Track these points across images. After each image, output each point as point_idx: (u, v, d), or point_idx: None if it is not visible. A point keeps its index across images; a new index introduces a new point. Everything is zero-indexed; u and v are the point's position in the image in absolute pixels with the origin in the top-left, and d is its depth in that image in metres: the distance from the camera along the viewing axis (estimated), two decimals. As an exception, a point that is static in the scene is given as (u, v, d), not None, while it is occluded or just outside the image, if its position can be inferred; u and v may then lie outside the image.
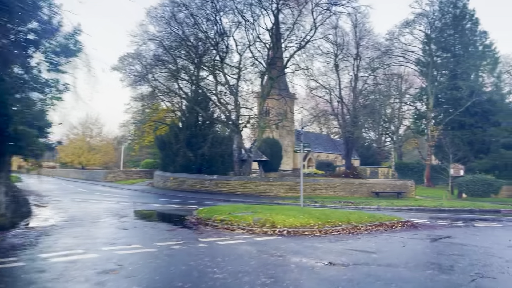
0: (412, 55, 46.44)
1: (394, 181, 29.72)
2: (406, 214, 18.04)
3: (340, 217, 12.98)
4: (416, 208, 21.73)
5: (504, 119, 38.88)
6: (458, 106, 42.87)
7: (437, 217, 17.45)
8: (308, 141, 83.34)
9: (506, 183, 31.06)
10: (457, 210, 21.46)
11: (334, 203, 23.50)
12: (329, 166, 66.22)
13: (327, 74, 58.17)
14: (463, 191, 30.37)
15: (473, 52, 45.59)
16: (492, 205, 22.83)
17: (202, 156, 35.99)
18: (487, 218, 17.01)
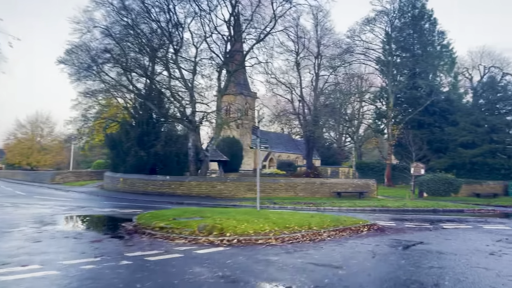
0: (373, 53, 46.20)
1: (356, 180, 28.75)
2: (370, 216, 16.79)
3: (300, 221, 11.38)
4: (380, 208, 20.65)
5: (462, 118, 39.15)
6: (417, 105, 42.95)
7: (403, 218, 16.30)
8: (269, 141, 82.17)
9: (466, 182, 30.92)
10: (421, 210, 20.58)
11: (294, 204, 22.05)
12: (290, 166, 65.20)
13: (288, 73, 57.16)
14: (424, 190, 29.90)
15: (431, 52, 45.96)
16: (455, 205, 22.17)
17: (156, 156, 33.64)
18: (454, 219, 16.05)
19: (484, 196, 30.33)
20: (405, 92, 45.74)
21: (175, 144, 34.92)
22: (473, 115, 38.68)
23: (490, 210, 21.06)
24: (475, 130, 37.34)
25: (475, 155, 36.59)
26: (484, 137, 37.41)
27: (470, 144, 38.00)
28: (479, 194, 30.10)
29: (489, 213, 20.54)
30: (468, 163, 37.32)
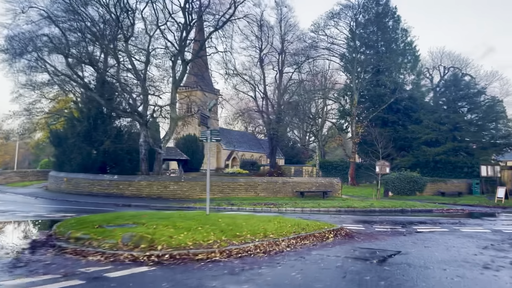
0: (338, 50, 45.15)
1: (320, 179, 27.25)
2: (336, 218, 15.13)
3: (255, 227, 9.43)
4: (345, 209, 19.11)
5: (425, 116, 38.67)
6: (381, 103, 42.24)
7: (371, 220, 14.74)
8: (233, 139, 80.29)
9: (430, 180, 30.16)
10: (388, 211, 19.21)
11: (254, 206, 20.17)
12: (253, 165, 63.39)
13: (251, 69, 55.50)
14: (390, 189, 28.86)
15: (395, 49, 45.48)
16: (422, 204, 20.99)
17: (106, 153, 30.88)
18: (426, 221, 14.64)
19: (449, 194, 29.66)
20: (369, 89, 45.00)
21: (127, 141, 32.28)
22: (437, 112, 38.31)
23: (459, 210, 20.01)
24: (438, 128, 36.90)
25: (438, 153, 36.13)
26: (447, 135, 37.06)
27: (433, 142, 37.56)
28: (444, 193, 29.40)
29: (458, 213, 19.47)
30: (432, 162, 36.81)
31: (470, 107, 37.86)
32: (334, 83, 49.39)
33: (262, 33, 53.18)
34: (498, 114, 36.14)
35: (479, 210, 20.24)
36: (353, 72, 43.14)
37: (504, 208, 21.26)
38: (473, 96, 37.54)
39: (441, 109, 39.30)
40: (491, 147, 36.40)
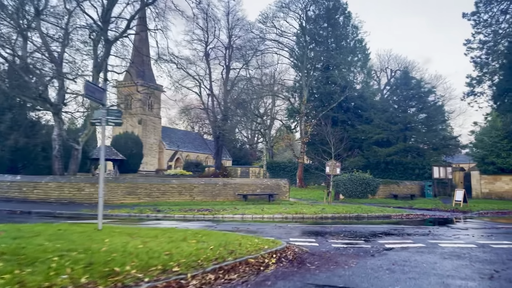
0: (287, 43, 42.70)
1: (266, 180, 24.25)
2: (282, 229, 12.06)
3: (154, 253, 6.02)
4: (294, 216, 16.13)
5: (376, 115, 37.05)
6: (331, 101, 40.27)
7: (325, 231, 11.81)
8: (177, 139, 75.82)
9: (383, 182, 28.18)
10: (343, 217, 16.47)
11: (185, 212, 16.69)
12: (198, 166, 59.49)
13: (196, 63, 51.90)
14: (341, 191, 26.47)
15: (345, 46, 43.88)
16: (380, 209, 18.53)
17: (17, 150, 26.00)
18: (390, 231, 11.95)
19: (401, 197, 27.84)
20: (319, 87, 43.04)
21: (44, 136, 27.58)
22: (388, 112, 36.82)
23: (419, 215, 17.75)
24: (389, 127, 35.37)
25: (390, 154, 34.54)
26: (399, 135, 35.63)
27: (385, 142, 35.99)
28: (396, 196, 27.53)
29: (418, 218, 17.19)
30: (383, 162, 35.20)
31: (420, 107, 36.74)
32: (283, 79, 46.93)
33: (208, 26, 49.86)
34: (449, 114, 35.28)
35: (439, 215, 18.14)
36: (303, 69, 40.85)
37: (464, 212, 19.37)
38: (423, 96, 36.45)
39: (392, 108, 37.94)
40: (441, 148, 35.41)
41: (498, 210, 20.43)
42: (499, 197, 28.23)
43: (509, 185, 27.93)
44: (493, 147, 28.02)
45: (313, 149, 39.45)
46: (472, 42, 53.85)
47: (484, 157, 28.37)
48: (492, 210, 20.15)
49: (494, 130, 28.64)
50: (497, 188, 28.46)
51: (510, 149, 27.59)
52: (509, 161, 27.10)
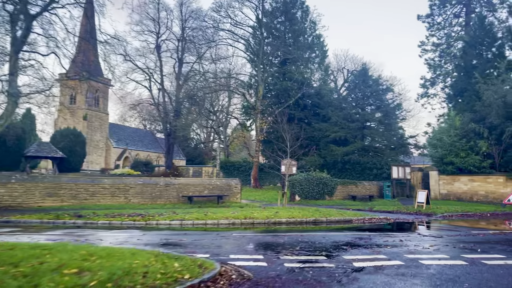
0: (243, 35, 40.37)
1: (215, 180, 21.73)
2: (224, 240, 9.63)
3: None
4: (242, 221, 13.78)
5: (334, 113, 35.55)
6: (288, 98, 38.42)
7: (277, 242, 9.53)
8: (126, 137, 71.38)
9: (341, 182, 26.50)
10: (299, 222, 14.32)
11: (113, 217, 13.89)
12: (147, 166, 55.65)
13: (146, 55, 48.44)
14: (297, 192, 24.47)
15: (303, 42, 42.26)
16: (340, 213, 16.56)
17: None
18: (355, 241, 9.86)
19: (360, 198, 26.31)
20: (275, 83, 41.11)
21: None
22: (346, 109, 35.44)
23: (382, 219, 15.95)
24: (347, 125, 33.97)
25: (347, 153, 33.11)
26: (357, 134, 34.30)
27: (342, 141, 34.55)
28: (355, 197, 25.95)
29: (382, 223, 15.37)
30: (340, 162, 33.73)
31: (378, 105, 35.66)
32: (238, 74, 44.52)
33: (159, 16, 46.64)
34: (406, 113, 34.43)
35: (404, 219, 16.46)
36: (259, 63, 38.70)
37: (428, 215, 17.86)
38: (381, 94, 35.40)
39: (350, 106, 36.64)
40: (399, 148, 34.47)
41: (462, 212, 19.14)
42: (457, 198, 27.41)
43: (467, 186, 27.18)
44: (452, 147, 27.16)
45: (269, 147, 37.43)
46: (426, 44, 54.35)
47: (443, 156, 27.46)
48: (456, 213, 18.81)
49: (453, 129, 27.82)
50: (456, 189, 27.64)
51: (468, 148, 26.84)
52: (468, 160, 26.31)
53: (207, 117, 46.46)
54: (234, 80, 43.42)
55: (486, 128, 26.68)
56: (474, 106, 29.12)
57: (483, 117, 27.71)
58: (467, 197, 27.07)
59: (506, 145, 26.02)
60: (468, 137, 27.32)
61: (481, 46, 32.93)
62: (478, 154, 26.48)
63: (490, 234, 11.63)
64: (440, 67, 52.61)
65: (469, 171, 26.72)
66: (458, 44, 49.53)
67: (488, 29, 33.04)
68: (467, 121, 27.95)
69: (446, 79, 50.40)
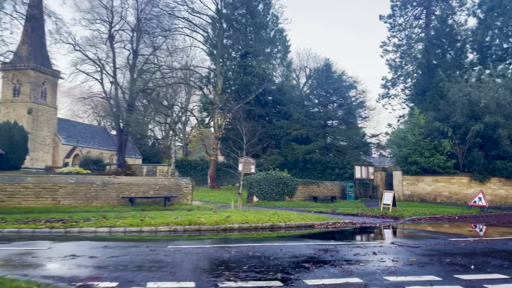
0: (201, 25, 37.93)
1: (162, 180, 19.29)
2: (150, 256, 7.36)
3: None
4: (186, 228, 11.59)
5: (296, 110, 33.91)
6: (248, 94, 36.46)
7: (220, 258, 7.42)
8: (76, 133, 66.80)
9: (302, 182, 24.78)
10: (253, 228, 12.29)
11: (26, 223, 11.47)
12: (97, 164, 52.09)
13: (98, 46, 45.07)
14: (255, 193, 22.47)
15: (265, 36, 40.46)
16: (301, 217, 14.64)
17: None
18: (322, 256, 7.90)
19: (322, 199, 24.69)
20: (235, 78, 39.08)
21: None
22: (308, 106, 33.88)
23: (348, 224, 14.21)
24: (309, 123, 32.41)
25: (309, 151, 31.52)
26: (319, 131, 32.80)
27: (304, 139, 32.94)
28: (316, 198, 24.29)
29: (347, 227, 13.64)
30: (301, 161, 32.11)
31: (341, 102, 34.39)
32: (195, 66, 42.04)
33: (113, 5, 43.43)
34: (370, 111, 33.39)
35: (371, 223, 14.83)
36: (217, 56, 36.44)
37: (395, 219, 16.37)
38: (345, 91, 34.15)
39: (313, 103, 35.15)
40: (362, 146, 33.32)
41: (430, 215, 17.85)
42: (421, 199, 26.44)
43: (431, 187, 26.26)
44: (417, 146, 26.16)
45: (227, 145, 35.27)
46: (387, 44, 54.13)
47: (407, 156, 26.41)
48: (424, 216, 17.48)
49: (418, 128, 26.86)
50: (419, 190, 26.66)
51: (433, 148, 25.92)
52: (433, 160, 25.36)
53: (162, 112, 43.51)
54: (192, 73, 40.91)
55: (450, 127, 25.86)
56: (437, 105, 28.36)
57: (447, 116, 26.93)
58: (431, 198, 26.14)
59: (470, 144, 25.28)
60: (433, 136, 26.43)
61: (443, 45, 32.43)
62: (442, 154, 25.61)
63: (471, 242, 10.09)
64: (401, 68, 52.55)
65: (434, 171, 25.80)
66: (419, 45, 49.58)
67: (449, 30, 32.60)
68: (431, 120, 27.10)
69: (407, 79, 50.36)
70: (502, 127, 24.02)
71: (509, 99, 24.61)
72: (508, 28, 31.50)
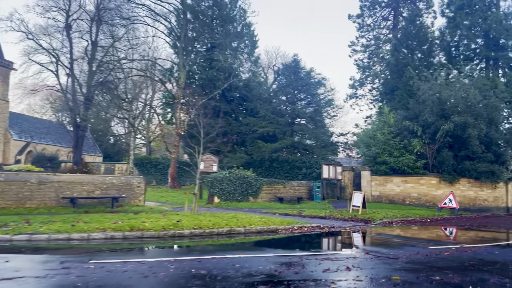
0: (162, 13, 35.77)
1: (110, 178, 17.21)
2: (55, 279, 5.47)
3: None
4: (126, 235, 9.74)
5: (263, 106, 32.42)
6: (213, 89, 34.68)
7: (153, 279, 5.68)
8: (30, 128, 62.63)
9: (267, 182, 23.28)
10: (208, 234, 10.60)
11: None
12: (52, 161, 48.60)
13: (53, 35, 41.94)
14: (216, 193, 20.74)
15: (232, 30, 38.77)
16: (263, 220, 13.07)
17: None
18: (282, 274, 6.27)
19: (288, 200, 23.29)
20: (200, 72, 37.16)
21: None
22: (275, 102, 32.45)
23: (315, 228, 12.77)
24: (276, 120, 31.00)
25: (276, 150, 30.11)
26: (286, 129, 31.44)
27: (271, 137, 31.50)
28: (282, 198, 22.86)
29: (314, 232, 12.21)
30: (268, 160, 30.66)
31: (310, 100, 33.19)
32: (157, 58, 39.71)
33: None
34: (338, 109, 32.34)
35: (339, 226, 13.47)
36: (181, 47, 34.42)
37: (366, 222, 15.10)
38: (314, 88, 32.97)
39: (281, 100, 33.74)
40: (330, 146, 32.22)
41: (402, 218, 16.75)
42: (389, 200, 25.53)
43: (400, 188, 25.40)
44: (386, 145, 25.23)
45: (190, 143, 33.28)
46: (356, 44, 53.73)
47: (376, 155, 25.43)
48: (395, 219, 16.34)
49: (387, 127, 25.96)
50: (388, 191, 25.75)
51: (402, 147, 25.07)
52: (402, 160, 24.49)
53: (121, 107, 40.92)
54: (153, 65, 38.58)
55: (420, 126, 25.09)
56: (406, 103, 27.65)
57: (416, 115, 26.19)
58: (400, 200, 25.27)
59: (440, 144, 24.58)
60: (402, 135, 25.60)
61: (411, 46, 31.93)
62: (412, 154, 24.80)
63: (455, 252, 8.82)
64: (369, 68, 52.24)
65: (403, 172, 24.94)
66: (387, 46, 49.43)
67: (417, 31, 32.12)
68: (400, 119, 26.28)
69: (375, 80, 50.08)
70: (472, 127, 23.45)
71: (478, 99, 24.11)
72: (476, 29, 31.33)
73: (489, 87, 25.56)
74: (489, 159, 23.99)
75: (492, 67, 31.43)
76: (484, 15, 30.09)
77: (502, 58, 30.08)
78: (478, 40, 31.77)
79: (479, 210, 24.13)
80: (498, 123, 25.29)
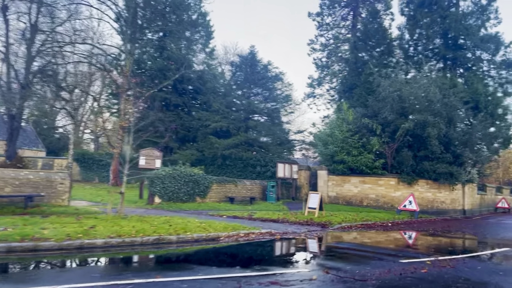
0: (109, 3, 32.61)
1: (26, 173, 14.42)
2: None
3: None
4: (13, 247, 7.37)
5: (216, 100, 30.24)
6: (164, 80, 32.08)
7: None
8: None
9: (217, 181, 21.17)
10: (128, 245, 8.36)
11: None
12: (-20, 156, 43.73)
13: (-14, 17, 37.38)
14: (156, 192, 18.36)
15: (186, 19, 36.27)
16: (202, 226, 10.96)
17: None
18: None
19: (239, 200, 21.32)
20: (150, 61, 34.40)
21: None
22: (230, 96, 30.35)
23: (265, 234, 10.85)
24: (231, 115, 28.95)
25: (229, 146, 28.02)
26: (241, 125, 29.43)
27: (224, 133, 29.37)
28: (233, 199, 20.85)
29: (264, 239, 10.29)
30: (220, 157, 28.53)
31: (267, 96, 31.42)
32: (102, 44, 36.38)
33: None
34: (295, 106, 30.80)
35: (293, 232, 11.65)
36: (127, 32, 31.48)
37: (323, 226, 13.36)
38: (271, 82, 31.21)
39: (236, 94, 31.69)
40: (286, 143, 30.57)
41: (362, 222, 15.23)
42: (347, 201, 24.19)
43: (357, 188, 24.13)
44: (344, 143, 23.87)
45: (136, 137, 30.48)
46: (315, 43, 52.74)
47: (334, 154, 24.01)
48: (355, 223, 14.77)
49: (346, 124, 24.64)
50: (346, 191, 24.41)
51: (361, 146, 23.82)
52: (361, 159, 23.20)
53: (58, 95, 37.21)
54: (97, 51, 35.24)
55: (379, 124, 23.94)
56: (365, 101, 26.52)
57: (375, 112, 25.06)
58: (357, 201, 23.99)
59: (399, 143, 23.54)
60: (361, 134, 24.36)
61: (370, 43, 31.02)
62: (371, 153, 23.58)
63: (431, 267, 7.16)
64: (328, 67, 51.41)
65: (361, 172, 23.66)
66: (345, 45, 48.80)
67: (375, 30, 31.28)
68: (359, 116, 25.07)
69: (333, 79, 49.29)
70: (431, 126, 22.55)
71: (438, 97, 23.31)
72: (435, 28, 30.86)
73: (448, 86, 24.92)
74: (448, 159, 23.23)
75: (450, 66, 31.08)
76: (443, 14, 29.62)
77: (460, 57, 29.72)
78: (437, 40, 31.32)
79: (437, 212, 23.32)
80: (456, 122, 24.65)
